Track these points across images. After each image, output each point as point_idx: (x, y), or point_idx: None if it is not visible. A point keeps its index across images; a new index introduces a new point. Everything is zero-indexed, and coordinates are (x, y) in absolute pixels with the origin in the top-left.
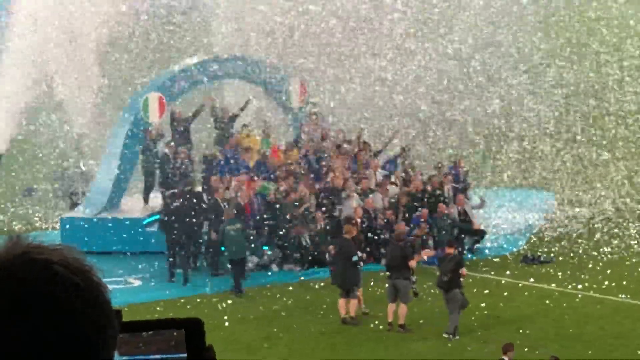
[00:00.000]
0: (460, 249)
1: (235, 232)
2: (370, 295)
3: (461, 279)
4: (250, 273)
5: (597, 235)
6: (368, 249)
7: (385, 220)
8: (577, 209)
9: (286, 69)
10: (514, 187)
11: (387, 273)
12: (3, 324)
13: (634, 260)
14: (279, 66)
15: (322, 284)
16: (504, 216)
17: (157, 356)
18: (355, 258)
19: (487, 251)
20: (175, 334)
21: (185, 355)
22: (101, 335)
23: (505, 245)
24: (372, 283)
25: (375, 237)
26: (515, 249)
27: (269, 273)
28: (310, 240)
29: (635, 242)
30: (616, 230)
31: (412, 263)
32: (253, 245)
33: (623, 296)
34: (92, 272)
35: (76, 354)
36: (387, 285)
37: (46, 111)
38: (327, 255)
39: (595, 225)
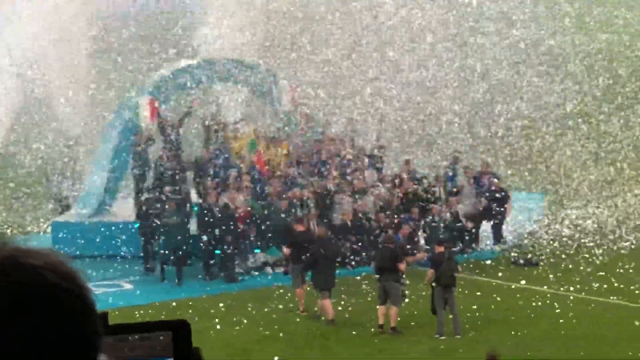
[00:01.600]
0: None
1: (172, 224)
2: (362, 298)
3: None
4: (242, 276)
5: (588, 238)
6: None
7: (377, 223)
8: (567, 211)
9: (276, 71)
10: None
11: (377, 276)
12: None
13: (624, 261)
14: (270, 69)
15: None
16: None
17: None
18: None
19: (477, 253)
20: (162, 336)
21: (172, 359)
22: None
23: (496, 247)
24: (364, 286)
25: (367, 240)
26: (505, 251)
27: (257, 276)
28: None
29: (626, 243)
30: (606, 232)
31: (402, 266)
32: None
33: (614, 298)
34: (77, 275)
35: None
36: (377, 287)
37: (37, 115)
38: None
39: (586, 228)
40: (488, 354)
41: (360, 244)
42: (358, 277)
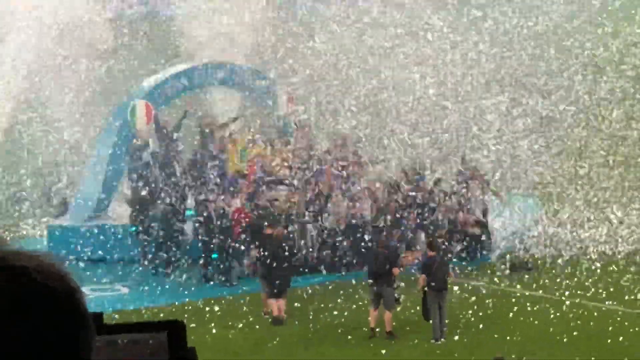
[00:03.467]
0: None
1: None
2: (357, 303)
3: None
4: (239, 280)
5: (583, 244)
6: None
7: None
8: (563, 216)
9: (273, 75)
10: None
11: (370, 280)
12: None
13: (619, 267)
14: (266, 73)
15: (309, 291)
16: (492, 222)
17: None
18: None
19: (474, 257)
20: (157, 337)
21: (167, 359)
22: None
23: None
24: (360, 290)
25: (358, 244)
26: (502, 256)
27: (252, 280)
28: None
29: (622, 249)
30: (604, 239)
31: (396, 271)
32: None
33: (609, 303)
34: (68, 278)
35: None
36: (370, 292)
37: (33, 118)
38: (254, 260)
39: (582, 235)
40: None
41: (352, 248)
42: (353, 281)
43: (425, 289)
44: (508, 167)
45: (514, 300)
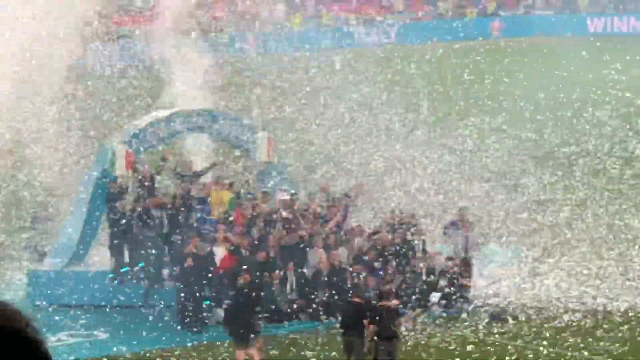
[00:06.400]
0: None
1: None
2: (336, 349)
3: None
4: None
5: (563, 291)
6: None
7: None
8: (542, 265)
9: (254, 123)
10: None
11: (341, 330)
12: None
13: (599, 316)
14: (247, 120)
15: (287, 339)
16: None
17: None
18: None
19: (453, 306)
20: None
21: None
22: None
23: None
24: (338, 338)
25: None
26: (481, 305)
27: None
28: (276, 293)
29: (602, 300)
30: (583, 289)
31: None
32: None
33: (586, 353)
34: (32, 325)
35: None
36: (342, 341)
37: (13, 163)
38: (224, 307)
39: (561, 282)
40: None
41: (330, 295)
42: (334, 331)
43: (376, 338)
44: (493, 216)
45: (491, 349)
